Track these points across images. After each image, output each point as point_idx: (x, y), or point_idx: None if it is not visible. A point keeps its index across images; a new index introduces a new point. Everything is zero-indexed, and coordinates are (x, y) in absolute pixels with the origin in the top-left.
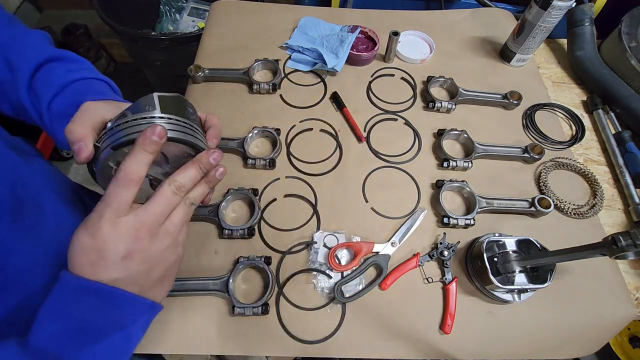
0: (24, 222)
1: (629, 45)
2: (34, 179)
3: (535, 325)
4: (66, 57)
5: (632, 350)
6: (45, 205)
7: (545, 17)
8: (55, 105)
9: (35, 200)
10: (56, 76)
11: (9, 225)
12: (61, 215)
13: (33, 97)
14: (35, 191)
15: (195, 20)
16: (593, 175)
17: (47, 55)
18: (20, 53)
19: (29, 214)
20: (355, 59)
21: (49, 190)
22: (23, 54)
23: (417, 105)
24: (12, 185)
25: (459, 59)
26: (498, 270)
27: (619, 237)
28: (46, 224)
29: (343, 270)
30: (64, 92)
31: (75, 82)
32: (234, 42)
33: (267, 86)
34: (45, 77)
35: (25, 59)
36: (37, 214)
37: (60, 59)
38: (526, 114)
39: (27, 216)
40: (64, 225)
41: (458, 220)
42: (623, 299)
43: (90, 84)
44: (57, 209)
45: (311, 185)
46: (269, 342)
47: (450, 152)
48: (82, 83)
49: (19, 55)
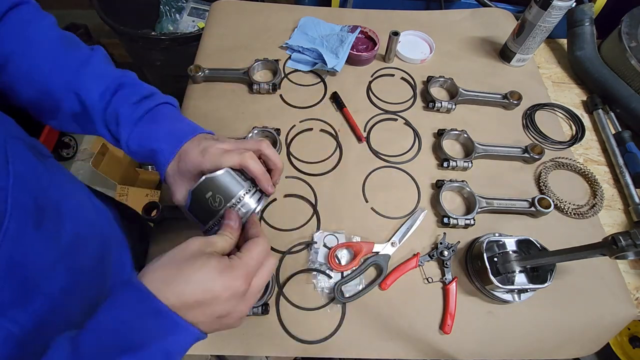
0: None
1: (629, 45)
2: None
3: (535, 325)
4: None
5: (632, 350)
6: (64, 208)
7: (545, 17)
8: (131, 146)
9: (54, 204)
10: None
11: (33, 231)
12: (77, 217)
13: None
14: (54, 195)
15: (195, 20)
16: (593, 175)
17: (113, 87)
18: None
19: (50, 218)
20: (355, 59)
21: (65, 193)
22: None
23: (417, 105)
24: (35, 192)
25: (459, 59)
26: (498, 270)
27: (619, 237)
28: (64, 227)
29: (343, 270)
30: (135, 131)
31: (141, 118)
32: (234, 42)
33: (267, 86)
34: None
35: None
36: (56, 218)
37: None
38: (526, 114)
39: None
40: (80, 227)
41: (458, 220)
42: (623, 299)
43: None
44: (74, 212)
45: (311, 185)
46: (269, 342)
47: (450, 152)
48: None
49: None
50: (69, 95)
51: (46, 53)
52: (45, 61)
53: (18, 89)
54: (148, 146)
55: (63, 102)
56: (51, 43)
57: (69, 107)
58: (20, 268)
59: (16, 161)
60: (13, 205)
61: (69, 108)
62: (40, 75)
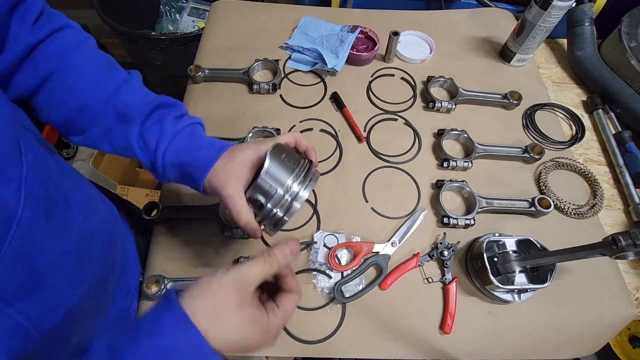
0: (56, 220)
1: (629, 45)
2: (62, 175)
3: (535, 325)
4: (166, 103)
5: (632, 350)
6: (73, 200)
7: (545, 17)
8: (168, 156)
9: (64, 196)
10: (167, 126)
11: (45, 223)
12: (86, 210)
13: (142, 144)
14: (64, 187)
15: (195, 20)
16: (593, 175)
17: (155, 103)
18: (127, 105)
19: (60, 211)
20: (355, 59)
21: (73, 186)
22: (130, 105)
23: (417, 105)
24: (46, 184)
25: (459, 59)
26: (498, 270)
27: (619, 237)
28: (73, 220)
29: (343, 270)
30: (173, 142)
31: (181, 131)
32: (234, 42)
33: (267, 86)
34: (157, 128)
35: (134, 109)
36: (65, 210)
37: (162, 107)
38: (526, 114)
39: (59, 214)
40: (88, 220)
41: (458, 220)
42: (623, 299)
43: (193, 130)
44: (83, 204)
45: None
46: None
47: (450, 152)
48: (187, 130)
49: (127, 107)
50: (107, 111)
51: (88, 74)
52: (86, 81)
53: (53, 106)
54: (188, 155)
55: (98, 119)
56: (93, 65)
57: (104, 124)
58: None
59: (28, 153)
60: (26, 196)
61: (103, 124)
62: (79, 94)
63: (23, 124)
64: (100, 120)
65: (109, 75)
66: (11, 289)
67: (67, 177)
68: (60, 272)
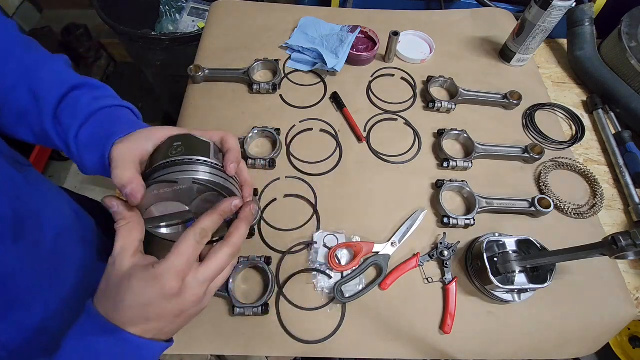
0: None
1: (629, 45)
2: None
3: (535, 325)
4: (88, 83)
5: (632, 350)
6: (43, 219)
7: (545, 17)
8: (82, 135)
9: (34, 216)
10: (82, 105)
11: (12, 244)
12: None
13: (58, 126)
14: (34, 206)
15: (195, 20)
16: (593, 175)
17: (71, 84)
18: (43, 82)
19: (29, 230)
20: (355, 59)
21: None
22: (46, 83)
23: (417, 105)
24: (14, 204)
25: (459, 59)
26: (498, 270)
27: (619, 237)
28: (45, 239)
29: (343, 270)
30: (89, 121)
31: (100, 110)
32: (234, 42)
33: (267, 86)
34: (71, 107)
35: (49, 89)
36: (36, 229)
37: (83, 86)
38: (526, 114)
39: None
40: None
41: (458, 220)
42: (623, 299)
43: (114, 112)
44: (54, 222)
45: (311, 185)
46: (269, 342)
47: (450, 152)
48: (106, 111)
49: (42, 84)
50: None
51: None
52: None
53: None
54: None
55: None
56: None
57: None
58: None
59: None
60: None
61: (15, 105)
62: None
63: None
64: (11, 102)
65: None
66: None
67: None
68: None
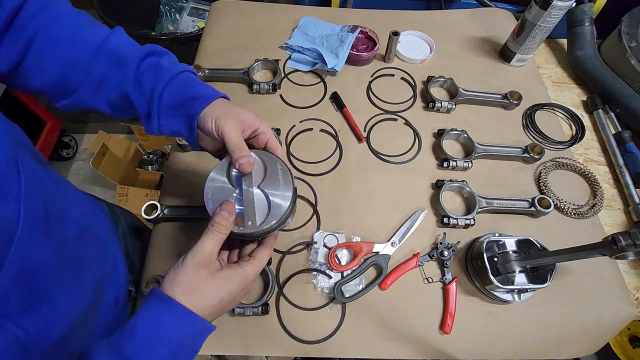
0: (53, 235)
1: (629, 45)
2: (57, 189)
3: (535, 325)
4: (158, 50)
5: (632, 350)
6: (66, 215)
7: (545, 17)
8: (166, 96)
9: (58, 210)
10: (163, 69)
11: (43, 239)
12: (80, 226)
13: (138, 90)
14: (58, 204)
15: (195, 20)
16: (593, 175)
17: (145, 50)
18: (119, 50)
19: (56, 226)
20: (355, 59)
21: (67, 199)
22: (122, 51)
23: (417, 105)
24: (44, 200)
25: (459, 59)
26: (498, 270)
27: (619, 237)
28: (68, 235)
29: (343, 270)
30: (172, 83)
31: (180, 73)
32: (234, 42)
33: (267, 86)
34: (152, 71)
35: (126, 56)
36: (60, 226)
37: (154, 53)
38: (526, 114)
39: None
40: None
41: (458, 220)
42: (623, 299)
43: (190, 76)
44: (75, 217)
45: (311, 185)
46: (269, 342)
47: (450, 152)
48: (185, 75)
49: (118, 52)
50: (99, 59)
51: (70, 28)
52: (70, 35)
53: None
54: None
55: (90, 70)
56: (74, 18)
57: (96, 75)
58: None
59: (26, 170)
60: (26, 213)
61: (95, 76)
62: (66, 49)
63: (20, 141)
64: (92, 72)
65: (92, 28)
66: (12, 304)
67: (62, 194)
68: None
